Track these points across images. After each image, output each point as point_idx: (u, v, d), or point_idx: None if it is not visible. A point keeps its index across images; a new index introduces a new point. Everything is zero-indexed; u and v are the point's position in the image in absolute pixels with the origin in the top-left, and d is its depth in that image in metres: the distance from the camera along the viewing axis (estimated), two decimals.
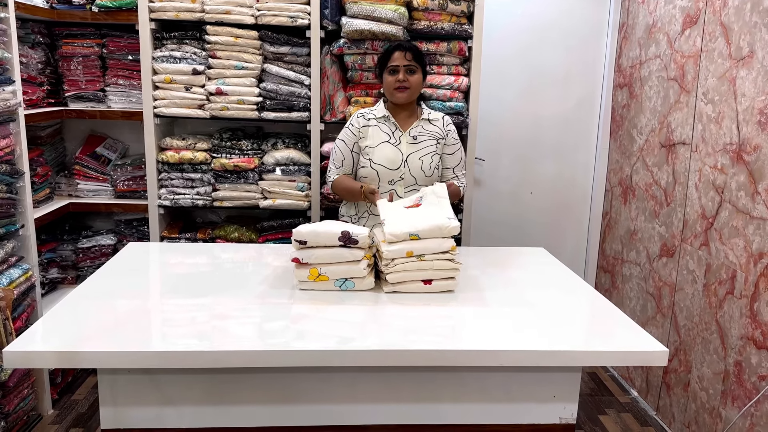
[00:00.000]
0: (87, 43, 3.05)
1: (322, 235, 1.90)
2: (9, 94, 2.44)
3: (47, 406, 2.77)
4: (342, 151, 2.46)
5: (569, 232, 3.80)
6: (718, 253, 2.46)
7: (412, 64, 2.36)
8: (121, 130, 3.34)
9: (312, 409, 1.73)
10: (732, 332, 2.36)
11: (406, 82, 2.36)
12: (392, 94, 2.39)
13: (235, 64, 2.90)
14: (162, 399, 1.69)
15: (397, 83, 2.36)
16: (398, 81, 2.35)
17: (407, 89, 2.37)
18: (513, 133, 3.64)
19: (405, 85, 2.36)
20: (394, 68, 2.36)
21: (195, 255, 2.38)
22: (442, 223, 1.93)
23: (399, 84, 2.36)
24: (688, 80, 2.69)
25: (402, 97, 2.38)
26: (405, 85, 2.36)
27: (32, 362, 1.70)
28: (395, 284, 1.94)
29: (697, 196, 2.61)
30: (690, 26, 2.69)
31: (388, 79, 2.38)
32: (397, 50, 2.37)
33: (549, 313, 1.87)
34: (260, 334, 1.66)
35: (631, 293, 3.24)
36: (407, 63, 2.35)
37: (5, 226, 2.48)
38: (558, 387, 1.77)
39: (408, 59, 2.35)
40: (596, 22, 3.54)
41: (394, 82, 2.36)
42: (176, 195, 3.01)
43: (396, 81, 2.36)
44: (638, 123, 3.18)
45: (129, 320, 1.69)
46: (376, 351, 1.59)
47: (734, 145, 2.36)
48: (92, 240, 3.22)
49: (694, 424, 2.60)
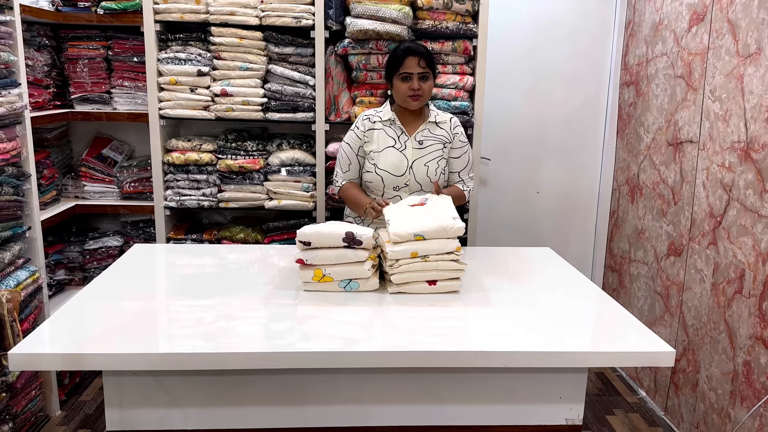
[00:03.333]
0: (92, 45, 3.07)
1: (326, 236, 1.90)
2: (15, 96, 2.45)
3: (55, 407, 2.78)
4: (348, 155, 2.43)
5: (576, 232, 3.78)
6: (726, 252, 2.44)
7: (426, 71, 2.29)
8: (126, 132, 3.35)
9: (317, 410, 1.73)
10: (741, 332, 2.34)
11: (420, 90, 2.29)
12: (405, 101, 2.33)
13: (240, 65, 2.90)
14: (168, 401, 1.69)
15: (411, 91, 2.29)
16: (413, 89, 2.28)
17: (421, 97, 2.31)
18: (519, 132, 3.62)
19: (419, 93, 2.30)
20: (407, 75, 2.28)
21: (201, 256, 2.38)
22: (447, 224, 1.92)
23: (413, 93, 2.29)
24: (695, 78, 2.67)
25: (416, 104, 2.33)
26: (419, 93, 2.30)
27: (39, 364, 1.72)
28: (400, 285, 1.93)
29: (705, 195, 2.59)
30: (697, 23, 2.67)
31: (401, 87, 2.30)
32: (409, 55, 2.28)
33: (555, 313, 1.86)
34: (266, 335, 1.66)
35: (638, 293, 3.22)
36: (421, 70, 2.28)
37: (12, 228, 2.49)
38: (564, 388, 1.76)
39: (422, 66, 2.27)
40: (602, 20, 3.52)
41: (408, 90, 2.29)
42: (182, 196, 3.02)
43: (410, 89, 2.28)
44: (645, 121, 3.16)
45: (135, 322, 1.70)
46: (381, 352, 1.59)
47: (742, 143, 2.34)
48: (99, 241, 3.23)
49: (703, 425, 2.59)
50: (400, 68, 2.29)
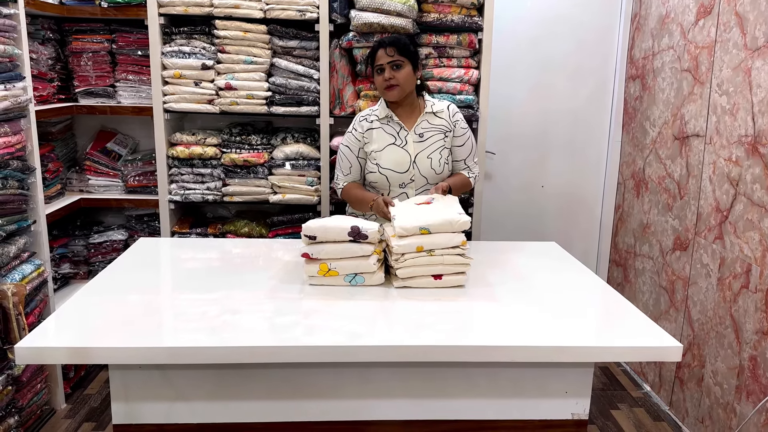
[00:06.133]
0: (97, 38, 3.06)
1: (331, 231, 1.89)
2: (20, 90, 2.45)
3: (60, 400, 2.79)
4: (348, 158, 2.41)
5: (581, 226, 3.77)
6: (732, 246, 2.43)
7: (396, 59, 2.28)
8: (131, 126, 3.35)
9: (322, 404, 1.73)
10: (747, 327, 2.33)
11: (393, 79, 2.28)
12: (384, 94, 2.34)
13: (244, 59, 2.90)
14: (173, 394, 1.69)
15: (384, 82, 2.29)
16: (385, 80, 2.29)
17: (396, 86, 2.29)
18: (524, 126, 3.61)
19: (392, 83, 2.28)
20: (379, 67, 2.30)
21: (206, 250, 2.38)
22: (452, 218, 1.91)
23: (387, 83, 2.29)
24: (702, 71, 2.65)
25: (393, 94, 2.31)
26: (392, 83, 2.28)
27: (44, 358, 1.72)
28: (405, 279, 1.93)
29: (711, 189, 2.58)
30: (704, 16, 2.65)
31: (377, 80, 2.32)
32: (379, 48, 2.30)
33: (561, 307, 1.85)
34: (271, 329, 1.66)
35: (643, 287, 3.21)
36: (390, 59, 2.27)
37: (17, 222, 2.49)
38: (570, 382, 1.76)
39: (390, 54, 2.27)
40: (608, 13, 3.50)
41: (382, 81, 2.30)
42: (186, 190, 3.02)
43: (383, 80, 2.29)
44: (651, 115, 3.14)
45: (140, 315, 1.70)
46: (386, 347, 1.59)
47: (749, 137, 2.32)
48: (103, 235, 3.23)
49: (708, 420, 2.58)
50: (374, 62, 2.32)
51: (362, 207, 2.35)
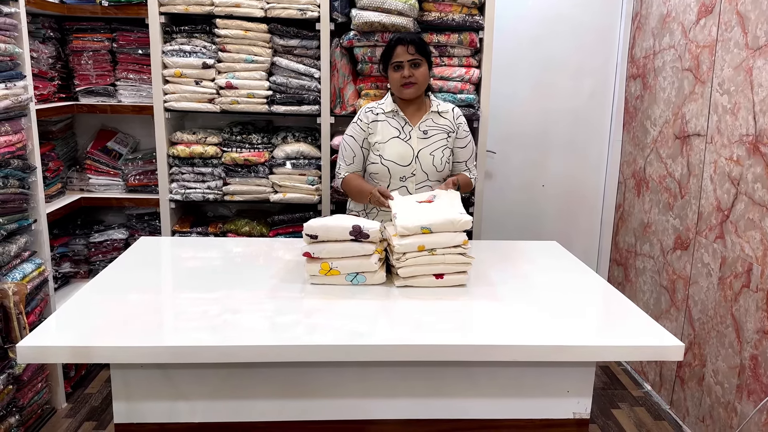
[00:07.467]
0: (97, 37, 3.06)
1: (333, 230, 1.89)
2: (20, 89, 2.45)
3: (61, 399, 2.79)
4: (351, 147, 2.42)
5: (582, 225, 3.76)
6: (733, 245, 2.43)
7: (416, 58, 2.30)
8: (131, 125, 3.34)
9: (324, 403, 1.73)
10: (748, 326, 2.33)
11: (412, 77, 2.30)
12: (399, 91, 2.35)
13: (245, 58, 2.89)
14: (174, 393, 1.69)
15: (403, 79, 2.31)
16: (404, 77, 2.30)
17: (414, 84, 2.32)
18: (524, 125, 3.61)
19: (411, 81, 2.31)
20: (398, 64, 2.31)
21: (206, 249, 2.38)
22: (454, 218, 1.91)
23: (405, 80, 2.31)
24: (703, 71, 2.65)
25: (410, 92, 2.33)
26: (411, 81, 2.31)
27: (45, 357, 1.71)
28: (407, 278, 1.93)
29: (713, 188, 2.57)
30: (705, 15, 2.65)
31: (394, 76, 2.33)
32: (399, 45, 2.30)
33: (562, 307, 1.85)
34: (272, 328, 1.65)
35: (644, 286, 3.21)
36: (411, 57, 2.29)
37: (18, 221, 2.49)
38: (571, 382, 1.76)
39: (411, 53, 2.29)
40: (609, 12, 3.49)
41: (400, 78, 2.31)
42: (187, 189, 3.01)
43: (402, 77, 2.30)
44: (652, 114, 3.14)
45: (141, 315, 1.70)
46: (387, 346, 1.59)
47: (751, 137, 2.32)
48: (104, 234, 3.23)
49: (709, 419, 2.58)
50: (392, 58, 2.32)
51: (361, 198, 2.37)
